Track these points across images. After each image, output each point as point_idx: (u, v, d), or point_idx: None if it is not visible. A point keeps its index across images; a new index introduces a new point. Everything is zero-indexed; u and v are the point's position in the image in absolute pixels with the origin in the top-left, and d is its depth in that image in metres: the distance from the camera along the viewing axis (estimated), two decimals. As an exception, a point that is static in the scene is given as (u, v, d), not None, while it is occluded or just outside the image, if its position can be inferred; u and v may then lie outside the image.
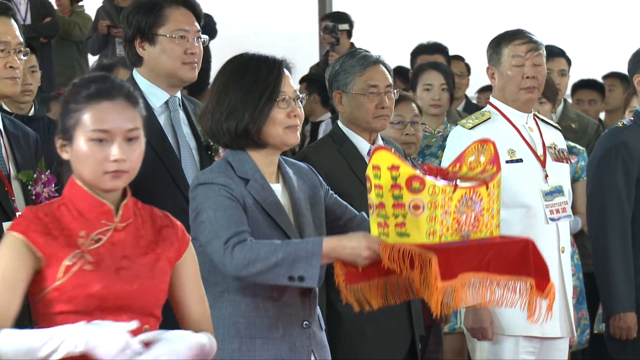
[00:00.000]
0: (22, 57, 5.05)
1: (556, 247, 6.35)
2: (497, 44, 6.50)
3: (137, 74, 5.48)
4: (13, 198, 5.02)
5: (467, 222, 4.13)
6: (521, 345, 6.39)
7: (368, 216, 4.54)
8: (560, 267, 6.37)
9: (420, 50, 9.67)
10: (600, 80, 10.63)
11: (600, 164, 6.79)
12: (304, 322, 4.59)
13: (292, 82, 4.65)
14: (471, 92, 10.82)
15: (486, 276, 4.09)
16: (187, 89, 9.20)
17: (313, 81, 10.79)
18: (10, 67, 4.99)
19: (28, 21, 12.91)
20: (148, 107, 5.26)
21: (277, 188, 4.63)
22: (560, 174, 6.55)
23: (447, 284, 3.99)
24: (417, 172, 4.08)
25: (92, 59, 13.37)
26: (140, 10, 5.49)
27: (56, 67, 13.11)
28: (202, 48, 5.54)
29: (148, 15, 5.43)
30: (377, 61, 6.13)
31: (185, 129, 5.52)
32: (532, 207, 6.29)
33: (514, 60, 6.43)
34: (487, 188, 4.16)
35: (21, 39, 5.08)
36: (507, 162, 6.15)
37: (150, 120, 5.27)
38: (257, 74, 4.61)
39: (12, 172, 5.06)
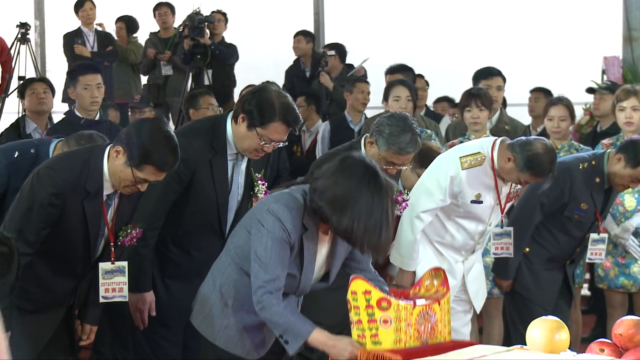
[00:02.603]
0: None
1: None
2: (527, 166, 6.09)
3: (229, 123, 5.40)
4: (99, 240, 5.13)
5: (425, 331, 4.17)
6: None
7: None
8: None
9: (393, 70, 9.66)
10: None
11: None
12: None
13: None
14: (429, 101, 10.84)
15: None
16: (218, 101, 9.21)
17: (311, 95, 10.76)
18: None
19: (95, 49, 12.91)
20: (224, 156, 5.40)
21: (324, 239, 4.59)
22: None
23: None
24: (385, 295, 4.13)
25: (144, 78, 13.41)
26: (259, 105, 5.30)
27: (116, 84, 13.13)
28: (272, 149, 5.42)
29: (260, 115, 5.25)
30: (407, 152, 5.91)
31: (241, 179, 5.49)
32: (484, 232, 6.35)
33: (525, 182, 6.21)
34: (439, 304, 4.19)
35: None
36: (471, 202, 6.17)
37: (220, 165, 5.40)
38: (372, 192, 4.38)
39: (111, 218, 5.11)
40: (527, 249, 6.78)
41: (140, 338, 5.54)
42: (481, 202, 6.22)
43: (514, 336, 6.71)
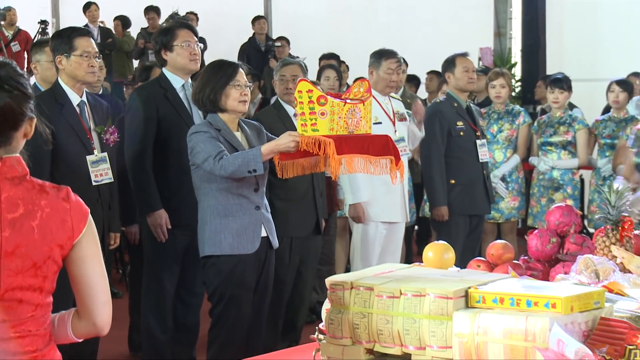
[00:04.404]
0: (97, 60, 4.99)
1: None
2: (380, 57, 6.48)
3: (165, 70, 5.37)
4: (92, 142, 4.96)
5: (352, 123, 4.07)
6: (379, 227, 6.46)
7: None
8: (403, 180, 6.40)
9: (324, 57, 9.66)
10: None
11: (428, 122, 6.79)
12: (256, 206, 4.61)
13: (244, 76, 4.65)
14: (349, 80, 10.79)
15: (367, 157, 4.06)
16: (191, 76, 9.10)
17: (255, 75, 10.73)
18: (92, 65, 4.94)
19: (98, 41, 12.81)
20: (172, 89, 5.29)
21: (238, 134, 4.65)
22: (402, 129, 6.61)
23: (340, 156, 3.97)
24: (324, 94, 4.07)
25: (135, 63, 13.32)
26: (162, 33, 5.40)
27: (114, 67, 13.04)
28: (200, 51, 5.41)
29: (166, 36, 5.33)
30: (291, 62, 6.08)
31: None
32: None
33: (388, 69, 6.43)
34: (364, 104, 4.12)
35: (96, 50, 5.02)
36: (374, 123, 6.18)
37: (174, 96, 5.27)
38: (223, 69, 4.62)
39: (92, 126, 4.99)
40: (453, 181, 6.72)
41: (151, 257, 5.38)
42: (380, 122, 6.22)
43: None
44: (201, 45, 5.47)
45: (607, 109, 8.79)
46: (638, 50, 10.76)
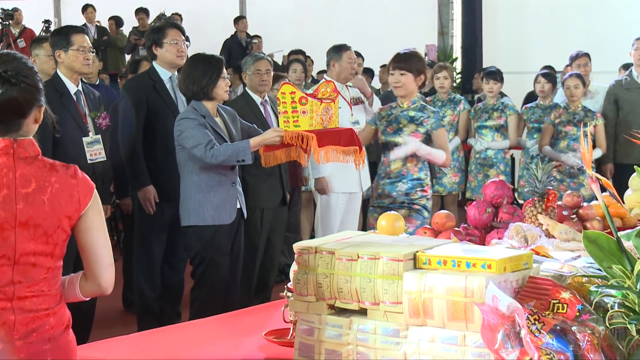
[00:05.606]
0: (91, 53, 4.92)
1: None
2: (339, 50, 6.37)
3: (155, 64, 5.28)
4: (88, 126, 4.90)
5: (326, 119, 4.10)
6: (340, 198, 6.41)
7: (260, 128, 4.63)
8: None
9: (292, 52, 9.62)
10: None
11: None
12: (232, 182, 4.58)
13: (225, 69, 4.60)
14: (314, 72, 10.75)
15: (340, 148, 4.08)
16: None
17: (237, 67, 10.66)
18: (87, 59, 4.88)
19: (95, 37, 12.73)
20: (160, 80, 5.20)
21: (217, 119, 4.59)
22: (358, 112, 6.56)
23: (321, 149, 3.99)
24: (304, 95, 4.08)
25: (127, 57, 13.20)
26: (154, 31, 5.32)
27: (109, 61, 12.92)
28: (186, 48, 5.31)
29: (157, 34, 5.25)
30: (262, 57, 6.01)
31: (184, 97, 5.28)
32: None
33: (349, 59, 6.34)
34: (334, 103, 4.15)
35: (90, 45, 4.96)
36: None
37: (161, 87, 5.18)
38: (213, 63, 4.54)
39: (87, 112, 4.92)
40: None
41: (141, 227, 5.31)
42: (340, 107, 6.17)
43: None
44: (188, 43, 5.37)
45: (529, 97, 8.83)
46: (558, 47, 10.85)
